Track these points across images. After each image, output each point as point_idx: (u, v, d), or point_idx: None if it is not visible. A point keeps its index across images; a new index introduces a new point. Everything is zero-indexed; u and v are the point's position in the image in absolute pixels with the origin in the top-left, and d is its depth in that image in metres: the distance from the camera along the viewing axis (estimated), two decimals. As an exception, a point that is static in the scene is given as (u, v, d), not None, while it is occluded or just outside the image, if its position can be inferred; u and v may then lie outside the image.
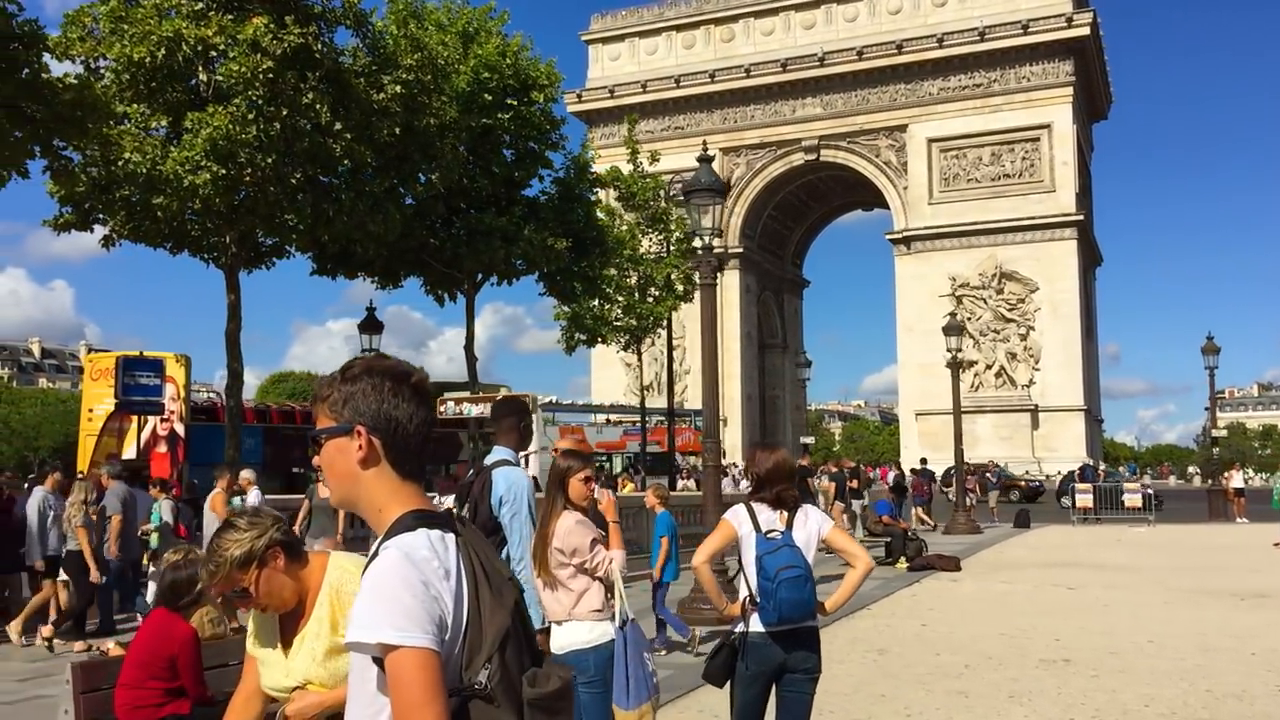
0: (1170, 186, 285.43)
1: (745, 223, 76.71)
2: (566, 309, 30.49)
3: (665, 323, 30.10)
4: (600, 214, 25.73)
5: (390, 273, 23.29)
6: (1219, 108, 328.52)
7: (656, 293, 29.38)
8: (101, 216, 17.30)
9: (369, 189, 18.03)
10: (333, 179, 17.53)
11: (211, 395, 23.77)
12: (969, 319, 69.43)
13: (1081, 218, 70.06)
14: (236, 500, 12.69)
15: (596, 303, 28.72)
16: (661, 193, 29.78)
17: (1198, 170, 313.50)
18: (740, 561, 4.71)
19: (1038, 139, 69.96)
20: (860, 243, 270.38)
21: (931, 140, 72.03)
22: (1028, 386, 68.83)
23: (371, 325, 22.20)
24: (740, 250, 74.50)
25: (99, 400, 20.34)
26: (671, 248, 29.35)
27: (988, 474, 30.84)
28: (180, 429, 19.11)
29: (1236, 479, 29.51)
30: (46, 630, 10.72)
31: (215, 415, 20.88)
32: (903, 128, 73.36)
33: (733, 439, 72.84)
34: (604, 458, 47.14)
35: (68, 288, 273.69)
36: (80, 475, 17.14)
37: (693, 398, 77.71)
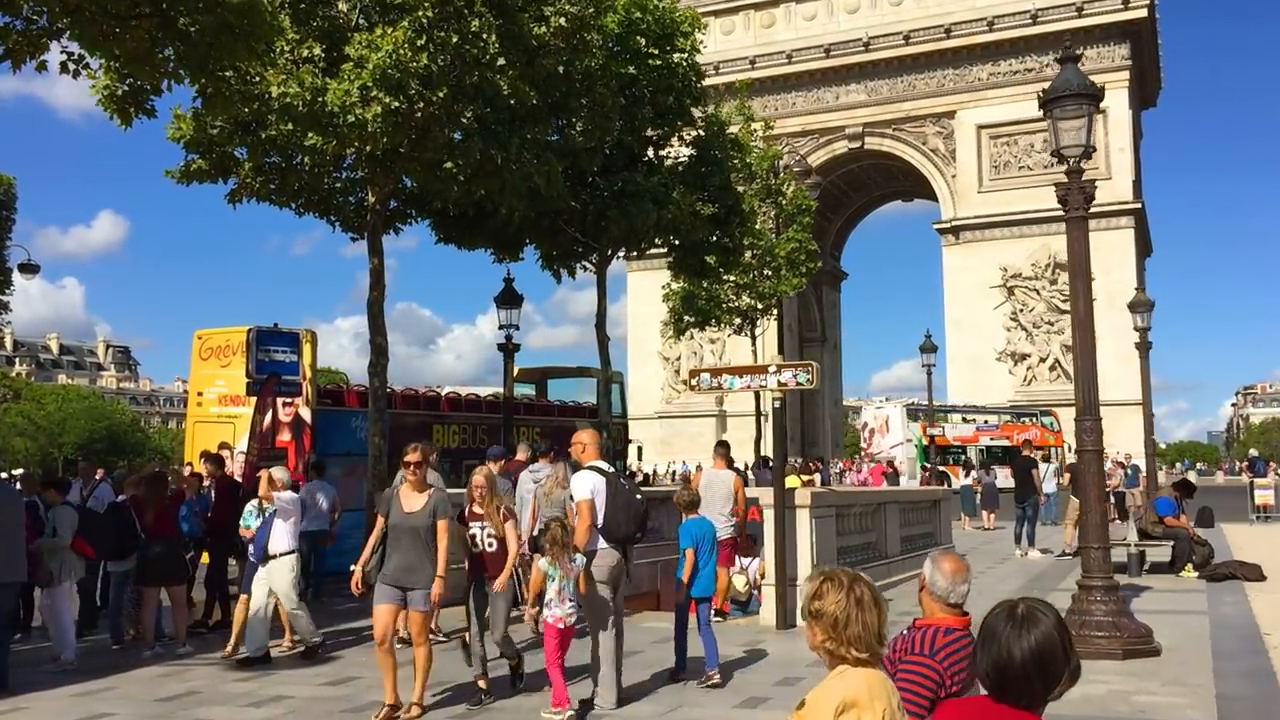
0: (1203, 180, 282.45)
1: (788, 213, 74.40)
2: (676, 288, 28.25)
3: (777, 304, 27.72)
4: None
5: (515, 242, 20.90)
6: (1265, 102, 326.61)
7: (771, 272, 27.07)
8: (240, 156, 14.89)
9: (533, 135, 15.67)
10: (499, 123, 15.13)
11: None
12: (1021, 310, 67.36)
13: (1139, 206, 67.92)
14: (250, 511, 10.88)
15: (706, 283, 26.42)
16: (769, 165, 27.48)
17: (1234, 164, 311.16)
18: None
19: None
20: (889, 235, 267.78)
21: (981, 127, 69.89)
22: (1084, 380, 66.57)
23: (509, 299, 19.82)
24: (786, 240, 72.18)
25: (209, 383, 17.97)
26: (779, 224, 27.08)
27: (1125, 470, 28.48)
28: (307, 414, 16.71)
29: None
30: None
31: (341, 400, 18.48)
32: (951, 114, 71.20)
33: (771, 434, 70.76)
34: (960, 450, 51.39)
35: (78, 285, 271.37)
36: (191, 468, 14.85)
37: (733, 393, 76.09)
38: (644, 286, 68.88)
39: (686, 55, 20.68)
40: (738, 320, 28.17)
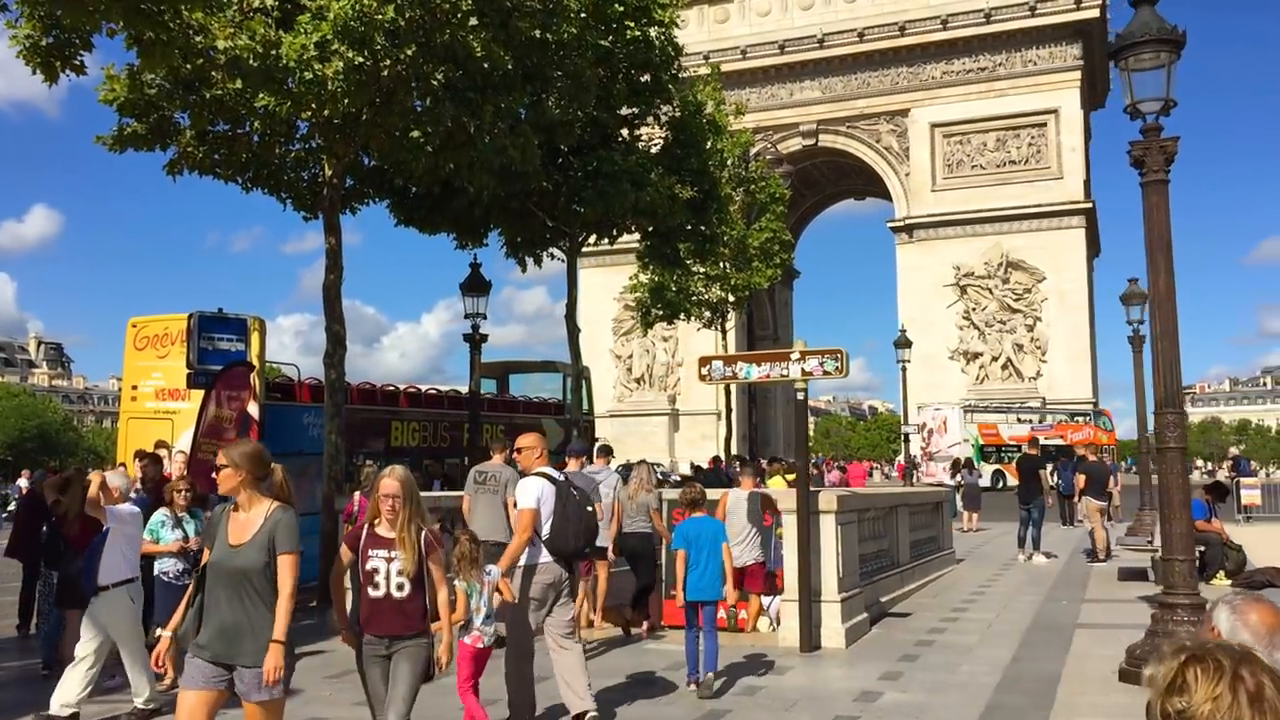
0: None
1: (740, 209, 73.87)
2: (644, 280, 26.99)
3: (749, 297, 26.54)
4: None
5: (480, 226, 19.48)
6: (1210, 105, 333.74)
7: (743, 263, 25.88)
8: (179, 122, 13.34)
9: (507, 105, 14.30)
10: (471, 89, 13.73)
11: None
12: (973, 309, 67.26)
13: (1090, 206, 68.18)
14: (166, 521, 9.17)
15: (677, 274, 25.17)
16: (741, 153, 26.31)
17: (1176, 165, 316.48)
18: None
19: (1044, 124, 67.94)
20: (842, 234, 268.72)
21: (935, 125, 69.76)
22: (1035, 379, 66.73)
23: (476, 285, 18.35)
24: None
25: (144, 375, 16.30)
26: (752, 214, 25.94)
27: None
28: (255, 410, 15.16)
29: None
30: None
31: (292, 394, 16.91)
32: (905, 112, 71.00)
33: (726, 432, 70.03)
34: (1015, 449, 51.12)
35: (10, 281, 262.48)
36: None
37: (686, 391, 74.90)
38: (596, 284, 67.64)
39: (664, 30, 19.40)
40: (707, 313, 26.99)
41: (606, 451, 10.97)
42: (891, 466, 73.14)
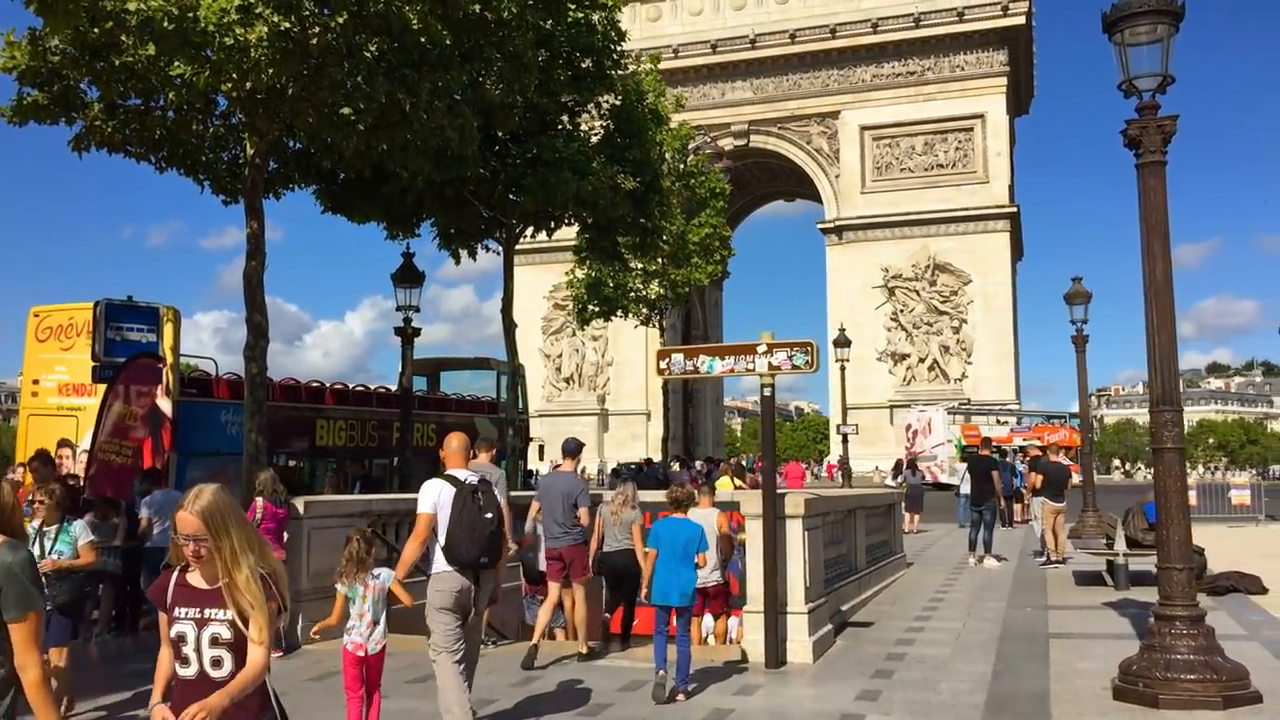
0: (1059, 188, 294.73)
1: (669, 208, 73.85)
2: (581, 276, 26.23)
3: (688, 294, 25.96)
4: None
5: (412, 214, 18.55)
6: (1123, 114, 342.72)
7: (683, 259, 25.26)
8: (87, 93, 12.23)
9: (445, 83, 13.44)
10: (407, 65, 12.84)
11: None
12: (901, 311, 67.87)
13: (1015, 210, 69.26)
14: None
15: (615, 269, 24.44)
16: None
17: (1093, 173, 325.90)
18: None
19: (971, 129, 68.90)
20: (771, 235, 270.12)
21: (864, 128, 70.34)
22: (960, 380, 67.60)
23: (409, 276, 17.40)
24: (668, 237, 71.46)
25: (47, 369, 15.10)
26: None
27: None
28: (167, 406, 14.08)
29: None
30: None
31: (209, 389, 15.79)
32: (835, 114, 71.47)
33: (656, 433, 69.70)
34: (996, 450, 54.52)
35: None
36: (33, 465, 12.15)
37: (615, 391, 74.23)
38: (526, 281, 66.55)
39: (606, 14, 18.69)
40: (645, 310, 26.31)
41: (574, 451, 10.10)
42: (820, 467, 73.33)
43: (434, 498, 6.63)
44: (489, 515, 6.58)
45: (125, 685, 8.62)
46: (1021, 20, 68.77)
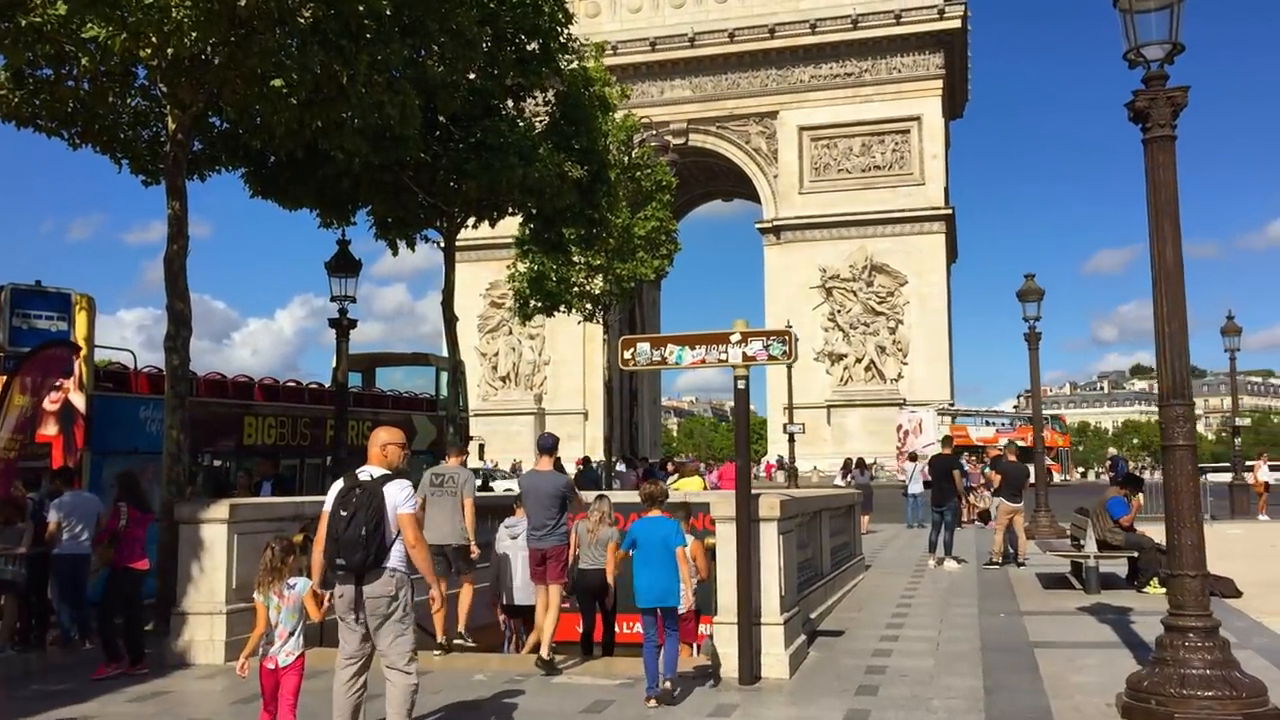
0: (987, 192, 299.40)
1: (608, 206, 73.25)
2: (523, 269, 25.39)
3: (635, 289, 25.30)
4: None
5: (347, 201, 17.56)
6: (1052, 119, 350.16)
7: (628, 253, 24.56)
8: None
9: (384, 57, 12.56)
10: (345, 35, 11.94)
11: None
12: (838, 311, 68.03)
13: (950, 212, 69.88)
14: None
15: (558, 263, 23.67)
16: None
17: (1022, 179, 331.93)
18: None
19: (908, 131, 69.39)
20: (708, 235, 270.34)
21: (803, 128, 70.47)
22: (896, 380, 68.05)
23: (344, 265, 16.42)
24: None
25: (-57, 359, 13.86)
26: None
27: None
28: (80, 401, 13.00)
29: (1264, 471, 27.33)
30: None
31: (126, 384, 14.67)
32: (774, 114, 71.52)
33: (594, 433, 69.18)
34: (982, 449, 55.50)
35: None
36: None
37: (553, 390, 73.31)
38: (462, 279, 64.85)
39: (554, -7, 17.90)
40: (589, 306, 25.56)
41: (551, 447, 9.53)
42: (759, 467, 73.24)
43: (327, 498, 6.30)
44: (344, 514, 6.03)
45: (29, 708, 7.68)
46: (957, 24, 69.49)
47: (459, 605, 10.20)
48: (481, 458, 31.50)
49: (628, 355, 8.49)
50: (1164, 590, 12.25)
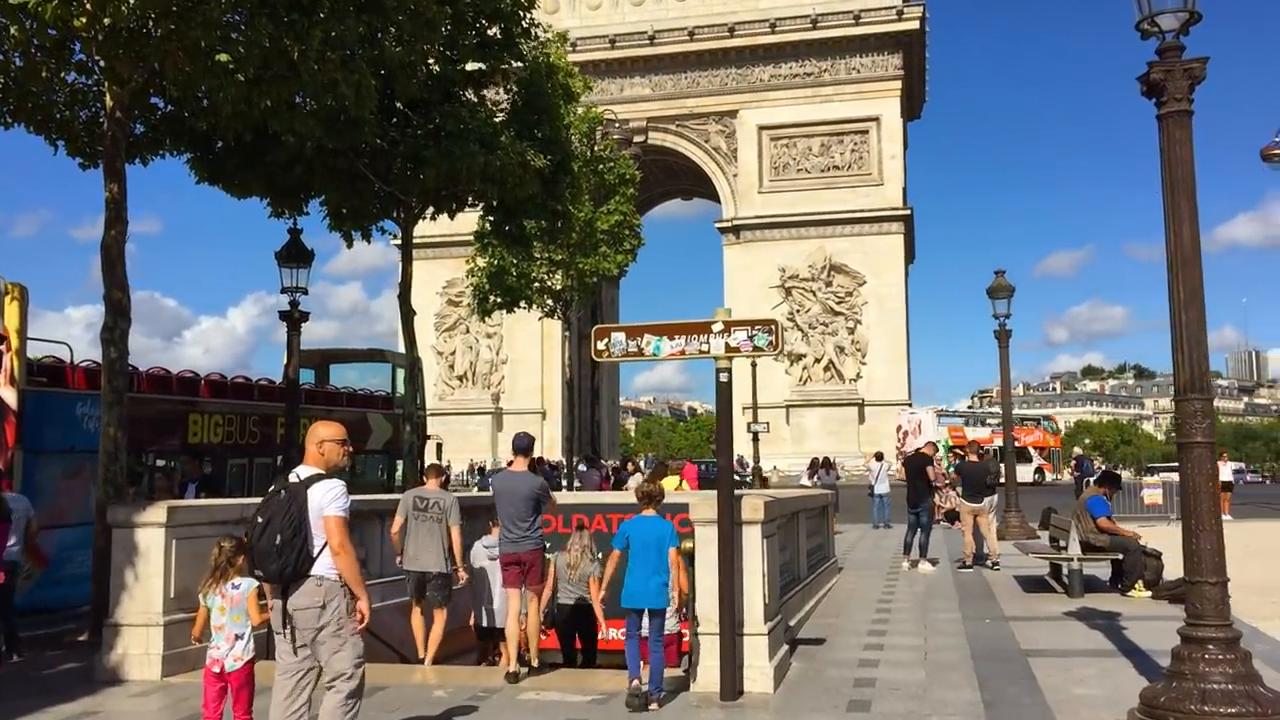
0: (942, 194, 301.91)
1: (565, 204, 72.87)
2: (482, 264, 24.68)
3: (597, 285, 24.69)
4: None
5: (299, 189, 16.81)
6: (1008, 123, 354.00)
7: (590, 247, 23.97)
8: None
9: (339, 33, 11.88)
10: (296, 9, 11.23)
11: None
12: (798, 311, 67.90)
13: (909, 212, 70.11)
14: None
15: (519, 258, 23.01)
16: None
17: (976, 183, 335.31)
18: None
19: (867, 131, 69.53)
20: (668, 234, 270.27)
21: (762, 128, 70.38)
22: (855, 380, 68.16)
23: (296, 255, 15.65)
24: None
25: None
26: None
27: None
28: (10, 397, 12.18)
29: (1225, 471, 27.26)
30: None
31: (62, 379, 13.83)
32: (733, 113, 71.41)
33: (551, 432, 68.56)
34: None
35: None
36: None
37: (510, 390, 72.40)
38: (419, 277, 63.69)
39: (515, -24, 17.26)
40: (550, 302, 24.91)
41: (526, 448, 9.12)
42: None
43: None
44: (259, 520, 5.54)
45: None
46: (916, 25, 69.79)
47: (430, 636, 9.78)
48: (439, 456, 30.83)
49: (601, 346, 7.90)
50: (1149, 594, 11.97)
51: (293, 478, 5.66)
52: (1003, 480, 18.87)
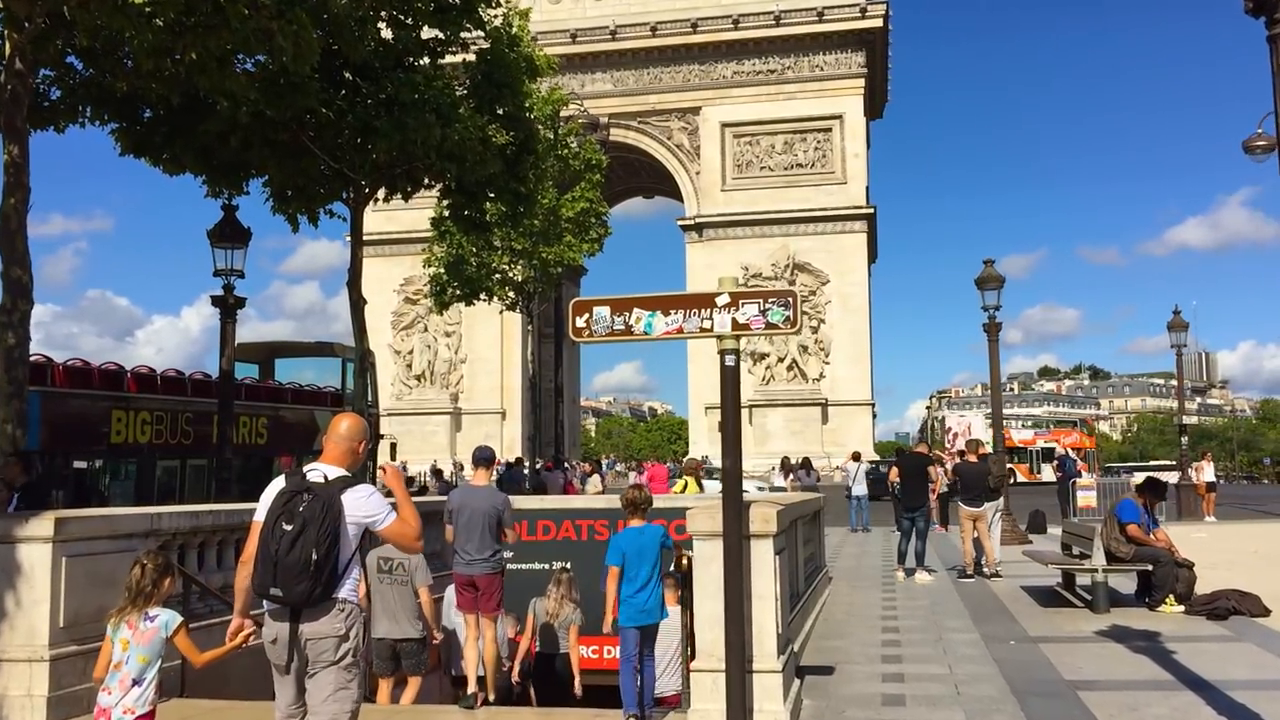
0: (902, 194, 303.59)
1: (525, 201, 71.59)
2: (440, 253, 23.23)
3: (561, 275, 23.36)
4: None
5: (237, 165, 15.31)
6: (967, 126, 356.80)
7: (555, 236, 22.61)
8: None
9: (275, -22, 10.46)
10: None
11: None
12: (762, 311, 67.08)
13: (871, 211, 69.54)
14: None
15: (478, 247, 21.61)
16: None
17: (937, 185, 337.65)
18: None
19: (830, 129, 68.92)
20: (629, 232, 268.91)
21: (725, 125, 69.54)
22: (818, 380, 67.48)
23: (231, 234, 14.10)
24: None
25: None
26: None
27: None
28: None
29: (1208, 472, 26.45)
30: None
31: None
32: (696, 110, 70.52)
33: (511, 433, 67.25)
34: (1023, 450, 60.86)
35: None
36: None
37: (469, 389, 70.68)
38: (375, 274, 62.37)
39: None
40: (511, 294, 23.51)
41: (488, 460, 8.35)
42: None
43: (262, 502, 4.72)
44: (287, 528, 4.45)
45: None
46: (879, 23, 69.32)
47: (402, 699, 8.61)
48: (393, 456, 29.34)
49: (581, 323, 6.58)
50: (1182, 609, 10.84)
51: (314, 477, 4.62)
52: (1010, 481, 17.71)
